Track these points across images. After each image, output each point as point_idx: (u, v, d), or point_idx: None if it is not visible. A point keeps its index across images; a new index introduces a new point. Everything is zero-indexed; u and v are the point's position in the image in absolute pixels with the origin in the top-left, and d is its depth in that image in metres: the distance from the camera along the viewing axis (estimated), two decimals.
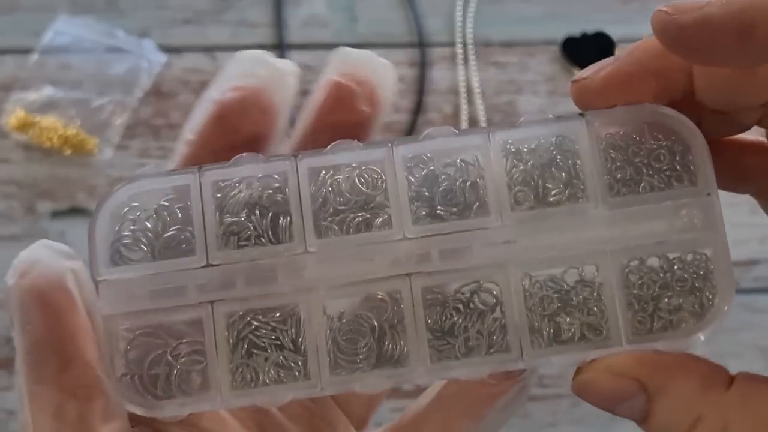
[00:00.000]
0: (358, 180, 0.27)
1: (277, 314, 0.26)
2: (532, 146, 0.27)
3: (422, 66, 0.68)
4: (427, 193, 0.26)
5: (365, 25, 0.69)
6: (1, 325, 0.59)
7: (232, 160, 0.27)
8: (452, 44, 0.69)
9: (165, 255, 0.26)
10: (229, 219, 0.26)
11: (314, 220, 0.26)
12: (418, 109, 0.66)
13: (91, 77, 0.66)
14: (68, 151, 0.64)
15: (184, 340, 0.26)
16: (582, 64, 0.66)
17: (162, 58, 0.67)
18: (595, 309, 0.26)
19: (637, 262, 0.26)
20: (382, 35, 0.69)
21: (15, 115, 0.64)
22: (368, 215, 0.26)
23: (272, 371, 0.26)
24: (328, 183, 0.27)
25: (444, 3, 0.70)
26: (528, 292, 0.26)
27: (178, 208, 0.27)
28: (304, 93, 0.30)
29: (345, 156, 0.27)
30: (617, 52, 0.66)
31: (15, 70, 0.66)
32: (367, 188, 0.26)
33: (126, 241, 0.26)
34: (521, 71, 0.67)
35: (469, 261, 0.26)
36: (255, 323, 0.26)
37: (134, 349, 0.26)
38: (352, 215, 0.26)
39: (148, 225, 0.27)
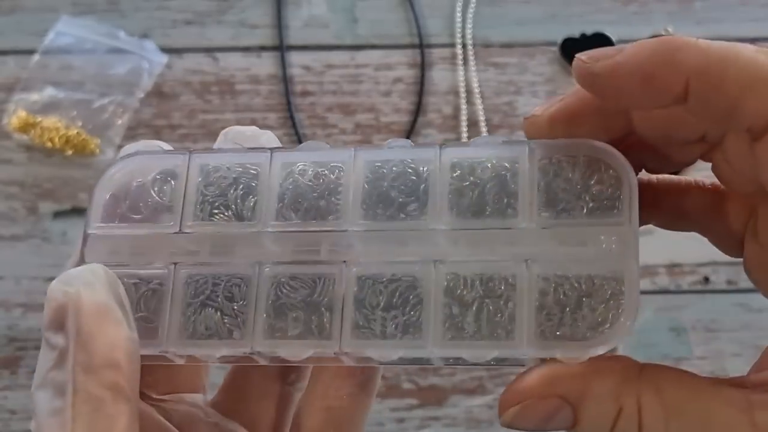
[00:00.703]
0: (315, 175, 0.29)
1: (232, 280, 0.29)
2: (477, 164, 0.29)
3: (422, 67, 0.68)
4: (376, 194, 0.29)
5: (365, 26, 0.70)
6: (2, 325, 0.59)
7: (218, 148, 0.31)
8: (452, 45, 0.69)
9: (150, 219, 0.30)
10: (209, 190, 0.30)
11: (277, 208, 0.29)
12: (417, 110, 0.66)
13: (92, 78, 0.67)
14: (70, 152, 0.64)
15: (151, 285, 0.29)
16: None
17: (163, 58, 0.67)
18: (506, 307, 0.28)
19: (552, 273, 0.28)
20: (382, 36, 0.69)
21: (17, 115, 0.64)
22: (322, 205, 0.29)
23: (221, 326, 0.29)
24: (296, 173, 0.30)
25: (444, 4, 0.70)
26: (450, 286, 0.28)
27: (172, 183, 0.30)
28: (303, 93, 0.31)
29: (313, 155, 0.30)
30: None
31: (17, 71, 0.67)
32: (322, 183, 0.29)
33: (126, 202, 0.30)
34: (520, 72, 0.68)
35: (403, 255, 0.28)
36: (210, 287, 0.29)
37: None
38: (310, 203, 0.29)
39: (152, 191, 0.30)
